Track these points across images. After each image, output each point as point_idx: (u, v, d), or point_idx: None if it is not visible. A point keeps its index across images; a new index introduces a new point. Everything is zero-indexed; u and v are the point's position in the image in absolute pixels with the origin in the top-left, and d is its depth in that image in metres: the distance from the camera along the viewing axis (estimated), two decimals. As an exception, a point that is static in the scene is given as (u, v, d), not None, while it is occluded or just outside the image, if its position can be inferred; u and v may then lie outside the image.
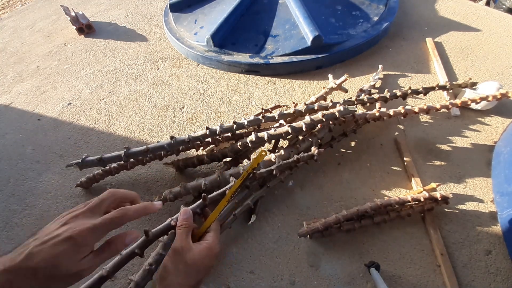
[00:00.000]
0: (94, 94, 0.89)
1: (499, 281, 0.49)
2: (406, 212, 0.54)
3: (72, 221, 0.30)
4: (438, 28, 0.95)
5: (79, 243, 0.28)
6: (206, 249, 0.36)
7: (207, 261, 0.36)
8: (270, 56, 0.86)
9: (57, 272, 0.28)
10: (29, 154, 0.75)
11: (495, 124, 0.69)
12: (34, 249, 0.28)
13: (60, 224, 0.30)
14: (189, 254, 0.35)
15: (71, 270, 0.28)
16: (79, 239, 0.28)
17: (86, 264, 0.29)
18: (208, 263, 0.36)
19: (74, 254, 0.28)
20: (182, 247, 0.35)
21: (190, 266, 0.34)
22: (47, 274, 0.27)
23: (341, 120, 0.62)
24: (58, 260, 0.28)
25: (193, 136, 0.57)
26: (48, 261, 0.27)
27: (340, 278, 0.51)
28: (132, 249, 0.37)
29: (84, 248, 0.29)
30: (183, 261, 0.34)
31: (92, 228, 0.29)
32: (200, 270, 0.35)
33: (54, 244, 0.28)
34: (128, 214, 0.32)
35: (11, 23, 1.28)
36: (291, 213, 0.59)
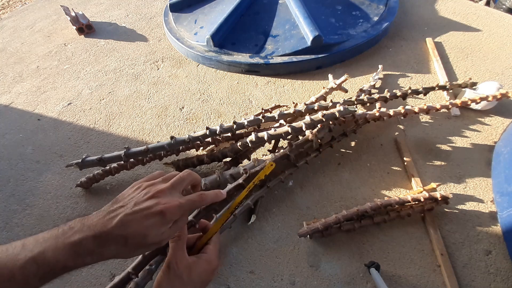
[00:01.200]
0: (94, 94, 0.89)
1: (499, 281, 0.49)
2: (406, 212, 0.54)
3: (160, 195, 0.31)
4: (438, 28, 0.95)
5: (168, 218, 0.30)
6: (204, 262, 0.34)
7: (204, 276, 0.33)
8: (270, 56, 0.86)
9: (145, 242, 0.29)
10: (29, 154, 0.75)
11: (495, 124, 0.69)
12: (126, 217, 0.29)
13: (147, 195, 0.31)
14: (185, 269, 0.32)
15: (155, 240, 0.30)
16: (169, 214, 0.30)
17: (166, 235, 0.31)
18: (205, 277, 0.34)
19: (161, 227, 0.30)
20: (176, 262, 0.32)
21: (185, 283, 0.32)
22: (136, 243, 0.29)
23: (341, 120, 0.62)
24: (148, 231, 0.29)
25: (193, 136, 0.57)
26: (140, 231, 0.29)
27: (340, 278, 0.51)
28: None
29: (169, 223, 0.30)
30: (178, 276, 0.32)
31: (180, 206, 0.31)
32: (196, 286, 0.33)
33: (147, 216, 0.29)
34: (206, 200, 0.34)
35: (11, 23, 1.28)
36: (291, 213, 0.59)
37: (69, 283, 0.53)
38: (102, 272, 0.54)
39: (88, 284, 0.53)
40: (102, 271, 0.54)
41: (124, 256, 0.30)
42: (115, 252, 0.29)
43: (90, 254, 0.27)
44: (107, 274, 0.54)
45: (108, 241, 0.28)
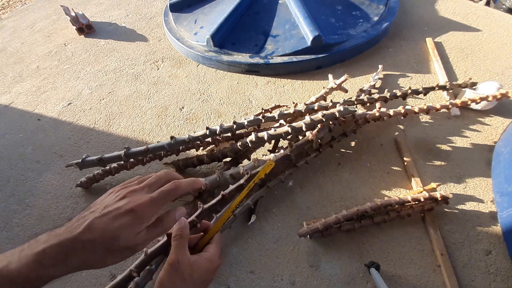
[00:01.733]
0: (94, 94, 0.89)
1: (499, 281, 0.49)
2: (406, 212, 0.54)
3: (131, 195, 0.30)
4: (438, 28, 0.95)
5: (140, 216, 0.29)
6: (206, 262, 0.33)
7: (206, 275, 0.33)
8: (270, 56, 0.86)
9: (116, 245, 0.28)
10: (29, 154, 0.75)
11: (495, 124, 0.69)
12: (95, 221, 0.27)
13: (118, 197, 0.30)
14: (187, 268, 0.31)
15: (129, 243, 0.29)
16: (139, 212, 0.29)
17: (142, 238, 0.30)
18: (207, 277, 0.33)
19: (133, 227, 0.29)
20: (178, 261, 0.31)
21: (187, 282, 0.31)
22: (105, 247, 0.27)
23: (341, 120, 0.62)
24: (118, 233, 0.28)
25: (193, 136, 0.57)
26: (108, 233, 0.27)
27: (340, 278, 0.51)
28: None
29: (143, 221, 0.29)
30: (179, 276, 0.31)
31: (151, 201, 0.30)
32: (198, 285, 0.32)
33: (116, 216, 0.28)
34: (180, 187, 0.33)
35: (11, 23, 1.28)
36: (291, 213, 0.59)
37: (69, 283, 0.53)
38: (102, 272, 0.54)
39: (88, 284, 0.53)
40: (102, 271, 0.54)
41: (95, 264, 0.28)
42: (82, 261, 0.27)
43: (54, 265, 0.26)
44: (107, 274, 0.54)
45: (74, 249, 0.26)
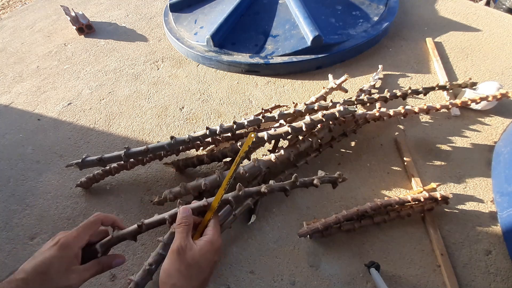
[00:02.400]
0: (94, 94, 0.89)
1: (499, 281, 0.49)
2: (406, 212, 0.54)
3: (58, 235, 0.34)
4: (438, 28, 0.95)
5: (65, 247, 0.31)
6: (207, 243, 0.34)
7: (210, 256, 0.33)
8: (270, 56, 0.86)
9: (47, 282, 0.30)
10: (29, 154, 0.75)
11: (495, 124, 0.69)
12: (27, 264, 0.30)
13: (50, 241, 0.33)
14: (190, 252, 0.33)
15: (60, 279, 0.30)
16: (64, 243, 0.32)
17: (75, 277, 0.32)
18: (211, 258, 0.34)
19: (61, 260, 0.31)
20: (182, 247, 0.33)
21: (192, 266, 0.32)
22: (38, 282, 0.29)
23: (341, 120, 0.62)
24: (47, 267, 0.30)
25: (193, 136, 0.57)
26: (38, 269, 0.30)
27: (340, 278, 0.51)
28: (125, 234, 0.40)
29: (69, 252, 0.32)
30: (184, 261, 0.32)
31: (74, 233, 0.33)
32: (204, 268, 0.33)
33: (43, 252, 0.31)
34: (100, 218, 0.37)
35: (11, 23, 1.28)
36: (291, 213, 0.59)
37: (69, 283, 0.53)
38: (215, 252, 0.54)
39: (88, 284, 0.53)
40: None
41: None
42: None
43: None
44: (107, 274, 0.54)
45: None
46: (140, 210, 0.61)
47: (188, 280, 0.32)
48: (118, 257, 0.37)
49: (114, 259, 0.37)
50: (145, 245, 0.57)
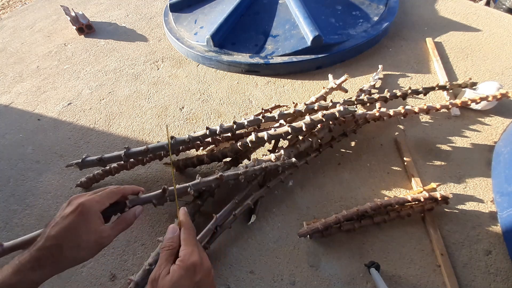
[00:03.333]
0: (94, 94, 0.89)
1: (499, 281, 0.49)
2: (406, 212, 0.54)
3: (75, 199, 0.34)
4: (438, 28, 0.95)
5: (87, 209, 0.32)
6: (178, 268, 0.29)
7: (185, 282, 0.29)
8: (270, 56, 0.86)
9: (80, 242, 0.31)
10: (29, 154, 0.75)
11: (495, 124, 0.69)
12: (51, 229, 0.31)
13: (64, 207, 0.33)
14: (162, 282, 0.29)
15: (91, 237, 0.32)
16: (87, 205, 0.32)
17: (105, 232, 0.33)
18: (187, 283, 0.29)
19: (88, 222, 0.32)
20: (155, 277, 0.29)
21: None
22: (72, 246, 0.31)
23: (341, 120, 0.62)
24: (76, 230, 0.31)
25: (193, 136, 0.57)
26: (67, 232, 0.31)
27: (340, 278, 0.51)
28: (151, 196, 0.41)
29: (93, 214, 0.33)
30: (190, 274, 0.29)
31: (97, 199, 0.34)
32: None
33: (66, 216, 0.32)
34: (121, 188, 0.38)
35: (11, 23, 1.28)
36: (291, 213, 0.59)
37: (69, 283, 0.53)
38: (102, 272, 0.54)
39: (88, 284, 0.53)
40: (102, 271, 0.54)
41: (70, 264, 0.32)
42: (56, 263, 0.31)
43: (32, 270, 0.30)
44: (107, 274, 0.54)
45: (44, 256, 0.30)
46: (140, 210, 0.61)
47: None
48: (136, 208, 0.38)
49: (134, 211, 0.38)
50: (145, 245, 0.57)
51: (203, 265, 0.30)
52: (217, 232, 0.52)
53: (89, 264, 0.55)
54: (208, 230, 0.50)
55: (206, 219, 0.52)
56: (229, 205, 0.54)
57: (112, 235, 0.34)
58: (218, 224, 0.51)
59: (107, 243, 0.34)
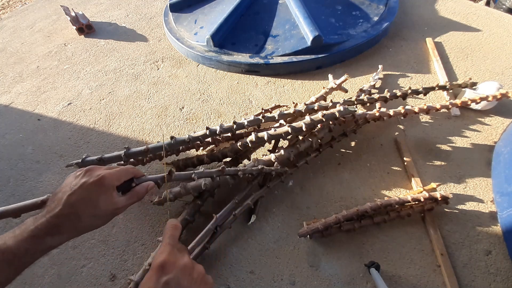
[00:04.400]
0: (94, 94, 0.89)
1: (499, 281, 0.49)
2: (406, 212, 0.54)
3: (91, 172, 0.34)
4: (438, 28, 0.95)
5: (108, 183, 0.34)
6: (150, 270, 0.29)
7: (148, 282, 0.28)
8: (270, 56, 0.86)
9: (98, 211, 0.33)
10: (29, 154, 0.75)
11: (495, 124, 0.69)
12: (70, 198, 0.32)
13: (80, 176, 0.34)
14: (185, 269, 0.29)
15: (109, 207, 0.34)
16: (107, 179, 0.34)
17: (121, 203, 0.35)
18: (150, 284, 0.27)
19: (106, 193, 0.33)
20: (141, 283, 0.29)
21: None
22: (90, 214, 0.32)
23: (341, 120, 0.62)
24: (95, 200, 0.33)
25: (193, 136, 0.57)
26: (87, 203, 0.32)
27: (340, 278, 0.51)
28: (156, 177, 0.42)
29: (111, 187, 0.34)
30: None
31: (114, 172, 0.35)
32: None
33: (86, 187, 0.33)
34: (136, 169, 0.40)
35: (11, 23, 1.28)
36: (291, 213, 0.59)
37: (69, 283, 0.53)
38: (102, 272, 0.54)
39: (88, 284, 0.53)
40: (102, 271, 0.54)
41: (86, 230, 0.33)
42: (73, 229, 0.32)
43: (49, 235, 0.31)
44: (107, 274, 0.54)
45: (62, 222, 0.31)
46: (140, 210, 0.61)
47: None
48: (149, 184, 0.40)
49: (147, 185, 0.39)
50: (145, 245, 0.57)
51: (177, 263, 0.29)
52: (217, 232, 0.52)
53: (89, 264, 0.55)
54: (208, 230, 0.50)
55: (206, 219, 0.52)
56: (229, 205, 0.54)
57: (125, 206, 0.36)
58: (218, 224, 0.51)
59: (120, 213, 0.36)
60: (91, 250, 0.57)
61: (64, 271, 0.55)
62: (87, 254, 0.57)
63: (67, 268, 0.55)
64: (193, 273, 0.29)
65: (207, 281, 0.31)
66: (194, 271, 0.30)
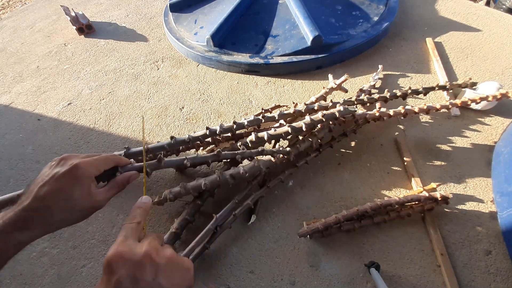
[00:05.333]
0: (94, 94, 0.89)
1: (499, 281, 0.49)
2: (406, 212, 0.54)
3: (68, 159, 0.31)
4: (438, 28, 0.95)
5: (82, 173, 0.30)
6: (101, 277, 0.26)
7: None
8: (270, 56, 0.86)
9: (72, 204, 0.29)
10: (29, 154, 0.75)
11: (495, 124, 0.69)
12: (40, 189, 0.29)
13: (54, 165, 0.31)
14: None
15: (85, 200, 0.30)
16: (82, 169, 0.30)
17: (100, 195, 0.31)
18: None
19: (81, 184, 0.30)
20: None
21: None
22: (63, 208, 0.29)
23: (341, 120, 0.62)
24: (68, 193, 0.29)
25: (193, 136, 0.57)
26: (59, 195, 0.29)
27: (340, 278, 0.51)
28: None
29: (87, 178, 0.30)
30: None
31: (91, 160, 0.32)
32: None
33: (58, 178, 0.29)
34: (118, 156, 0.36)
35: (11, 23, 1.28)
36: (291, 213, 0.59)
37: (69, 283, 0.53)
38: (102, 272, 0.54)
39: (88, 284, 0.53)
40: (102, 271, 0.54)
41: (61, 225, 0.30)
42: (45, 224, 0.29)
43: (18, 230, 0.27)
44: (107, 274, 0.54)
45: (31, 216, 0.28)
46: (140, 210, 0.61)
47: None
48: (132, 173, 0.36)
49: (129, 175, 0.36)
50: (145, 245, 0.57)
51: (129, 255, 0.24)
52: (217, 232, 0.52)
53: (89, 264, 0.55)
54: (208, 230, 0.50)
55: (206, 219, 0.52)
56: (229, 205, 0.54)
57: (105, 199, 0.33)
58: (218, 224, 0.51)
59: (101, 207, 0.32)
60: (91, 250, 0.57)
61: (64, 271, 0.55)
62: (87, 254, 0.57)
63: (67, 268, 0.55)
64: (156, 261, 0.24)
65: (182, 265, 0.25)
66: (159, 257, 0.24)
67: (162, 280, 0.23)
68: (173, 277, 0.24)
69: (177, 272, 0.25)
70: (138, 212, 0.29)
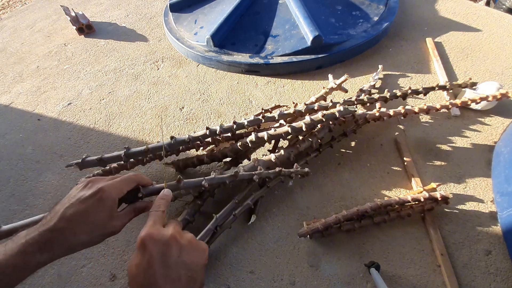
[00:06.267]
0: (94, 94, 0.89)
1: (499, 281, 0.49)
2: (406, 212, 0.54)
3: (95, 182, 0.33)
4: (438, 28, 0.95)
5: (106, 196, 0.31)
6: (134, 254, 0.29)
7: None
8: (270, 56, 0.86)
9: (94, 227, 0.31)
10: (29, 154, 0.75)
11: (495, 124, 0.69)
12: (66, 210, 0.30)
13: (82, 187, 0.33)
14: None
15: (106, 224, 0.31)
16: (107, 192, 0.31)
17: (118, 223, 0.33)
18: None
19: (103, 207, 0.31)
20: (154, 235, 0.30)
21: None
22: (87, 231, 0.31)
23: (341, 120, 0.62)
24: (93, 215, 0.31)
25: (193, 136, 0.57)
26: (83, 217, 0.30)
27: (340, 278, 0.51)
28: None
29: (110, 201, 0.32)
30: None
31: (115, 182, 0.33)
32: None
33: (83, 200, 0.31)
34: (140, 176, 0.37)
35: (11, 23, 1.28)
36: (291, 213, 0.59)
37: (69, 283, 0.53)
38: (102, 272, 0.54)
39: (88, 284, 0.53)
40: (102, 271, 0.54)
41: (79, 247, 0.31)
42: (66, 247, 0.30)
43: (39, 252, 0.28)
44: (107, 274, 0.54)
45: (55, 238, 0.29)
46: (140, 210, 0.61)
47: None
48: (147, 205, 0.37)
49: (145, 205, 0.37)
50: (145, 245, 0.57)
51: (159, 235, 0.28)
52: (217, 232, 0.52)
53: (89, 264, 0.55)
54: (208, 230, 0.50)
55: (206, 219, 0.52)
56: (229, 205, 0.54)
57: (123, 224, 0.34)
58: (218, 224, 0.51)
59: (117, 232, 0.33)
60: (91, 250, 0.57)
61: (64, 271, 0.55)
62: (87, 254, 0.57)
63: (67, 268, 0.55)
64: (180, 242, 0.28)
65: (199, 246, 0.30)
66: (182, 239, 0.29)
67: (185, 257, 0.28)
68: (193, 255, 0.29)
69: (196, 252, 0.29)
70: (162, 203, 0.33)
